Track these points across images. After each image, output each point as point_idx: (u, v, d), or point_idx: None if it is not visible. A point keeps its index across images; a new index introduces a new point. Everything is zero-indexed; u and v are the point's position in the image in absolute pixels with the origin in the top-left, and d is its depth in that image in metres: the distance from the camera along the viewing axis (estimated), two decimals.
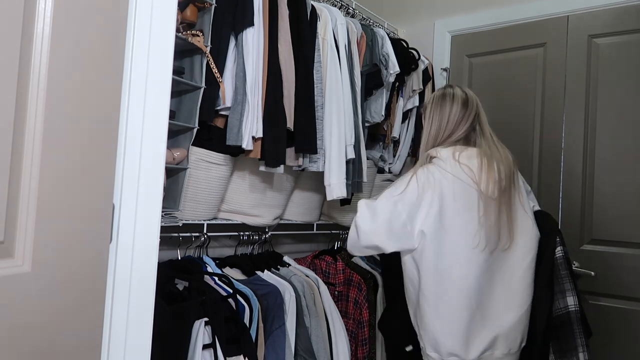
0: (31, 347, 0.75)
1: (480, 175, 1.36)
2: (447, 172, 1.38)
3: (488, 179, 1.36)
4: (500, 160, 1.40)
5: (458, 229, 1.36)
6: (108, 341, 0.91)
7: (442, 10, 2.57)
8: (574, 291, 1.45)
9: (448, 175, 1.38)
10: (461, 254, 1.36)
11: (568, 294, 1.44)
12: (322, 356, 1.61)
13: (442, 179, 1.37)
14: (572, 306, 1.43)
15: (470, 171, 1.37)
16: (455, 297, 1.36)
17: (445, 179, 1.37)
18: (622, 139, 2.02)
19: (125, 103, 0.92)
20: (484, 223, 1.35)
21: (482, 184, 1.35)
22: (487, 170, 1.37)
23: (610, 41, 2.09)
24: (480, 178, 1.36)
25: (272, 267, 1.76)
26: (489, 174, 1.36)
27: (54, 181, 0.76)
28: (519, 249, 1.40)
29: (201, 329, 1.29)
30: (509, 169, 1.40)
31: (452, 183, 1.37)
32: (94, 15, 0.81)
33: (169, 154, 1.43)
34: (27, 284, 0.74)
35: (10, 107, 0.71)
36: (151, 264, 0.99)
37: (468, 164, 1.37)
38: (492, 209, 1.35)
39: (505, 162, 1.41)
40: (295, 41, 1.66)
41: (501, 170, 1.38)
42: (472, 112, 1.47)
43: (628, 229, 1.98)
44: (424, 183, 1.38)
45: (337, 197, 1.74)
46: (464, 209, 1.36)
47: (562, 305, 1.43)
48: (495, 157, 1.40)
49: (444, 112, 1.48)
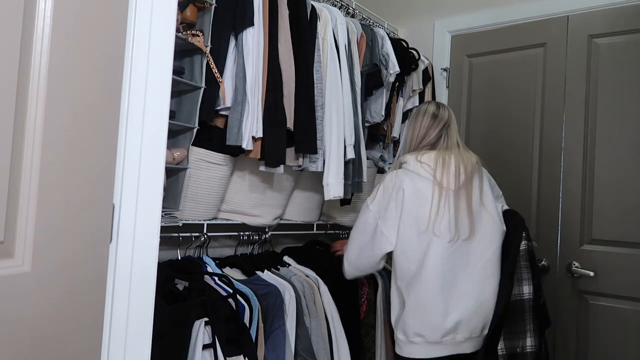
0: (31, 346, 0.75)
1: (436, 170, 1.56)
2: (409, 171, 1.59)
3: (443, 172, 1.55)
4: (460, 160, 1.59)
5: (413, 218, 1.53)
6: (108, 341, 0.91)
7: (442, 10, 2.57)
8: (531, 281, 1.58)
9: (410, 173, 1.58)
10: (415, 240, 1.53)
11: (524, 283, 1.57)
12: (322, 356, 1.61)
13: (405, 177, 1.58)
14: (526, 294, 1.56)
15: (428, 167, 1.57)
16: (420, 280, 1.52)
17: (407, 177, 1.58)
18: (622, 138, 2.02)
19: (125, 103, 0.92)
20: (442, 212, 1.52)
21: (437, 175, 1.55)
22: (443, 166, 1.56)
23: (610, 41, 2.09)
24: (436, 171, 1.56)
25: (272, 267, 1.76)
26: (445, 169, 1.56)
27: (54, 181, 0.76)
28: (480, 240, 1.55)
29: (201, 329, 1.29)
30: (469, 167, 1.59)
31: (413, 179, 1.57)
32: (94, 15, 0.81)
33: (169, 154, 1.43)
34: (27, 284, 0.74)
35: (10, 107, 0.71)
36: (151, 264, 0.99)
37: (427, 162, 1.58)
38: (450, 199, 1.53)
39: (465, 161, 1.59)
40: (295, 41, 1.66)
41: (460, 167, 1.57)
42: (440, 122, 1.68)
43: (628, 229, 1.98)
44: (390, 187, 1.59)
45: (334, 197, 1.74)
46: (421, 200, 1.54)
47: (517, 292, 1.57)
48: (454, 156, 1.59)
49: (417, 123, 1.71)
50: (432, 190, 1.54)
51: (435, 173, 1.55)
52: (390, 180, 1.60)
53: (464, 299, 1.52)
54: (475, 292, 1.53)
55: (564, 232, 2.12)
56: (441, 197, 1.53)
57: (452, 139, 1.67)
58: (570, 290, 2.08)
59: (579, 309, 2.06)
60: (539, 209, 2.19)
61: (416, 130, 1.70)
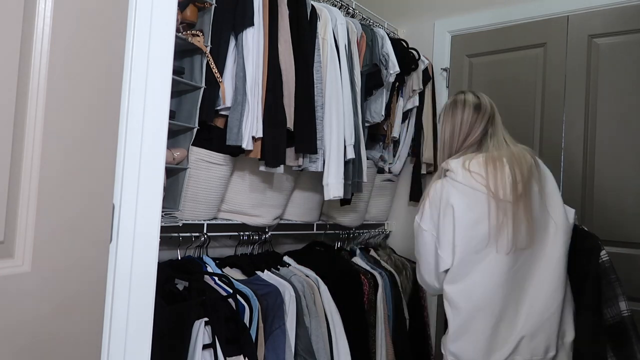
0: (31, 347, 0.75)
1: (489, 179, 1.34)
2: (458, 182, 1.36)
3: (497, 182, 1.33)
4: (514, 162, 1.36)
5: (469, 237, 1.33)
6: (108, 341, 0.91)
7: (442, 10, 2.57)
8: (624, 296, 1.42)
9: (459, 185, 1.36)
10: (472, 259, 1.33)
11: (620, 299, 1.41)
12: (322, 356, 1.61)
13: (452, 190, 1.36)
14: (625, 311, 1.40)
15: (480, 177, 1.34)
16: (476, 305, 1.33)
17: (455, 190, 1.36)
18: (622, 138, 2.02)
19: (125, 103, 0.92)
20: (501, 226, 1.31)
21: (492, 186, 1.33)
22: (495, 173, 1.34)
23: (610, 41, 2.09)
24: (489, 181, 1.33)
25: (272, 267, 1.76)
26: (500, 179, 1.33)
27: (54, 181, 0.76)
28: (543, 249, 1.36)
29: (201, 329, 1.29)
30: (525, 169, 1.36)
31: (465, 193, 1.35)
32: (94, 15, 0.81)
33: (169, 154, 1.43)
34: (27, 284, 0.74)
35: (10, 107, 0.71)
36: (151, 264, 0.99)
37: (478, 170, 1.35)
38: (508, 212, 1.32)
39: (520, 163, 1.36)
40: (295, 41, 1.66)
41: (516, 173, 1.34)
42: (484, 115, 1.45)
43: (628, 229, 1.98)
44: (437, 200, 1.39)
45: (334, 197, 1.74)
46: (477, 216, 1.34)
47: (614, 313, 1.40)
48: (506, 159, 1.37)
49: (456, 118, 1.47)
50: (488, 205, 1.32)
51: (489, 183, 1.33)
52: (436, 194, 1.40)
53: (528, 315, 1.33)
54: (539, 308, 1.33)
55: None
56: (499, 210, 1.31)
57: (500, 136, 1.44)
58: None
59: None
60: None
61: (456, 126, 1.46)
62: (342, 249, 2.23)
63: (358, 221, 2.23)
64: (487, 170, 1.35)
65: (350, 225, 2.21)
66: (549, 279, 1.35)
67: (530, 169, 1.37)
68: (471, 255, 1.33)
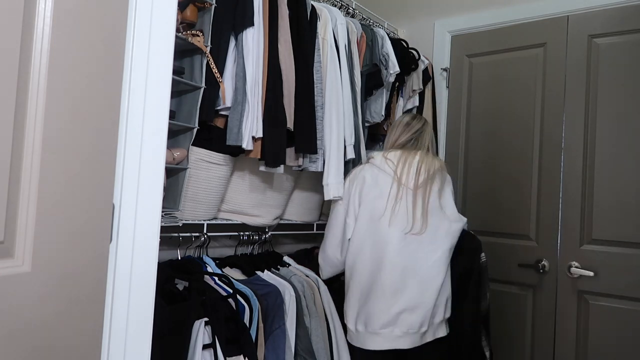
0: (31, 347, 0.75)
1: (398, 166, 1.67)
2: (374, 165, 1.70)
3: (404, 170, 1.66)
4: (424, 160, 1.68)
5: (369, 209, 1.64)
6: (108, 341, 0.91)
7: (442, 10, 2.57)
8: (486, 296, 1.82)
9: (374, 167, 1.70)
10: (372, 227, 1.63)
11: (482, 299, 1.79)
12: (322, 356, 1.61)
13: (368, 169, 1.70)
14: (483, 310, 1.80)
15: (392, 163, 1.68)
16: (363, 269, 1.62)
17: (370, 170, 1.70)
18: (622, 138, 2.02)
19: (125, 103, 0.92)
20: (397, 206, 1.62)
21: (398, 172, 1.65)
22: (405, 163, 1.67)
23: (610, 41, 2.09)
24: (397, 168, 1.66)
25: (272, 267, 1.76)
26: (406, 167, 1.66)
27: (54, 181, 0.76)
28: (432, 239, 1.63)
29: (201, 329, 1.29)
30: (432, 169, 1.67)
31: (375, 172, 1.69)
32: (94, 15, 0.81)
33: (169, 154, 1.43)
34: (27, 284, 0.74)
35: (10, 107, 0.71)
36: (151, 264, 0.99)
37: (392, 158, 1.69)
38: (408, 196, 1.63)
39: (428, 164, 1.68)
40: (295, 41, 1.66)
41: (421, 168, 1.66)
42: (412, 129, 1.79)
43: (628, 229, 1.98)
44: (352, 178, 1.73)
45: (334, 197, 1.74)
46: (379, 191, 1.65)
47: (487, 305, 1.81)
48: (419, 156, 1.69)
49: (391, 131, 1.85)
50: (390, 185, 1.64)
51: (397, 169, 1.66)
52: (354, 172, 1.74)
53: (407, 293, 1.58)
54: (418, 288, 1.59)
55: (564, 232, 2.12)
56: (399, 192, 1.63)
57: (423, 143, 1.77)
58: (570, 290, 2.08)
59: (579, 309, 2.06)
60: (539, 209, 2.19)
61: (390, 136, 1.82)
62: None
63: None
64: (400, 160, 1.68)
65: None
66: (433, 265, 1.61)
67: (435, 171, 1.68)
68: (368, 225, 1.64)
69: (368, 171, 1.69)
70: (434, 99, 2.52)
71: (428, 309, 1.59)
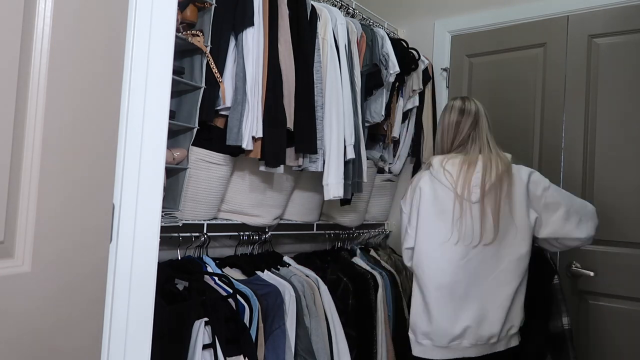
0: (31, 346, 0.75)
1: (458, 180, 1.54)
2: (434, 177, 1.60)
3: (465, 184, 1.53)
4: (488, 166, 1.54)
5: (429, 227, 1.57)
6: (108, 341, 0.91)
7: (442, 10, 2.57)
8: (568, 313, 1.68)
9: (433, 179, 1.60)
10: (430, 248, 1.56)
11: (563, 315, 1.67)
12: (322, 356, 1.61)
13: (428, 181, 1.61)
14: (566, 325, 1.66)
15: (450, 177, 1.55)
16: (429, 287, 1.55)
17: (431, 182, 1.60)
18: (622, 138, 2.02)
19: (125, 103, 0.92)
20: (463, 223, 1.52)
21: (458, 188, 1.53)
22: (466, 175, 1.53)
23: (610, 41, 2.09)
24: (458, 182, 1.54)
25: (272, 267, 1.76)
26: (467, 180, 1.53)
27: (54, 181, 0.76)
28: (498, 247, 1.52)
29: (201, 329, 1.29)
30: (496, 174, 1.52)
31: (435, 186, 1.58)
32: (94, 15, 0.81)
33: (169, 154, 1.43)
34: (27, 284, 0.74)
35: (10, 107, 0.71)
36: (151, 264, 0.99)
37: (450, 170, 1.56)
38: (472, 210, 1.51)
39: (493, 167, 1.53)
40: (295, 41, 1.66)
41: (485, 176, 1.52)
42: (468, 119, 1.63)
43: (628, 229, 1.98)
44: (413, 187, 1.66)
45: (334, 197, 1.74)
46: (441, 209, 1.56)
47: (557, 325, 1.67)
48: (481, 164, 1.54)
49: (444, 120, 1.67)
50: (453, 202, 1.53)
51: (457, 184, 1.53)
52: (414, 180, 1.67)
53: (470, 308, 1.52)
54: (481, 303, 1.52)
55: None
56: (462, 209, 1.52)
57: (483, 140, 1.61)
58: (570, 290, 2.07)
59: (579, 309, 2.06)
60: None
61: (445, 128, 1.66)
62: (342, 249, 2.23)
63: (358, 221, 2.23)
64: (460, 171, 1.55)
65: (350, 225, 2.21)
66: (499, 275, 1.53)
67: (501, 175, 1.53)
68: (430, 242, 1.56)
69: (427, 183, 1.60)
70: (434, 99, 2.52)
71: (495, 321, 1.51)
